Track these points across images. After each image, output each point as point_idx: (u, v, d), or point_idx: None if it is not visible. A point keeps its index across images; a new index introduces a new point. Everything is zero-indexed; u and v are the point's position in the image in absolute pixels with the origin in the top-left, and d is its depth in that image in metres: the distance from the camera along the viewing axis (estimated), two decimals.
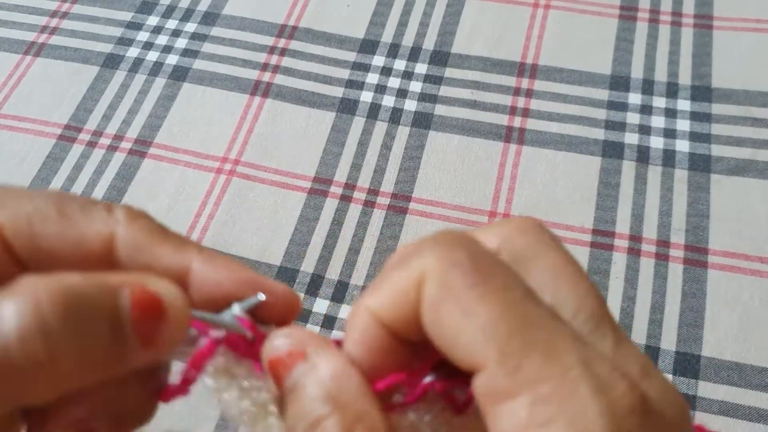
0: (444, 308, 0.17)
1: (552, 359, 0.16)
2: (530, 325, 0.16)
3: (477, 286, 0.17)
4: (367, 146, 0.52)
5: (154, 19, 0.61)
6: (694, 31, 0.56)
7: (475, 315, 0.16)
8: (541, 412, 0.16)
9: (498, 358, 0.16)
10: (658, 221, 0.48)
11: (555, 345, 0.16)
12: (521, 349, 0.16)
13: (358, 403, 0.18)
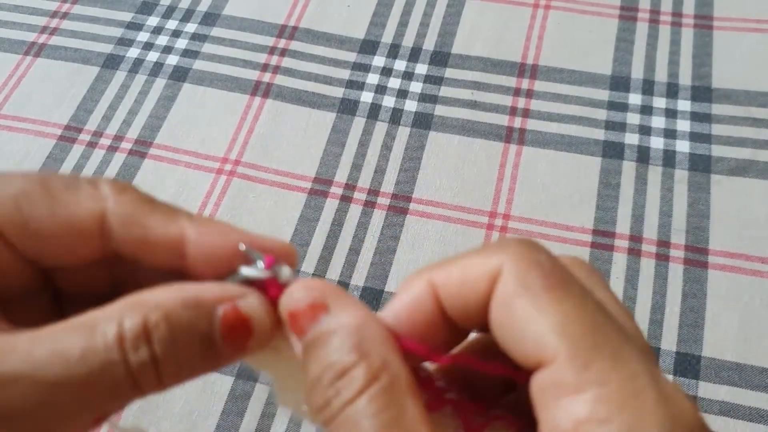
0: (519, 303, 0.17)
1: (620, 364, 0.16)
2: (601, 332, 0.17)
3: (555, 288, 0.17)
4: (367, 147, 0.52)
5: (155, 19, 0.61)
6: (694, 31, 0.56)
7: (550, 313, 0.17)
8: (603, 410, 0.16)
9: (568, 355, 0.16)
10: (658, 222, 0.48)
11: (624, 353, 0.17)
12: (592, 349, 0.17)
13: (382, 352, 0.18)
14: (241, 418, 0.43)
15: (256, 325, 0.19)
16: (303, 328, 0.19)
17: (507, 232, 0.48)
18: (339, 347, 0.18)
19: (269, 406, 0.43)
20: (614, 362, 0.16)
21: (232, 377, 0.44)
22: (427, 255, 0.48)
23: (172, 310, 0.18)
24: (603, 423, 0.16)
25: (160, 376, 0.19)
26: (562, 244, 0.47)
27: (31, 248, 0.20)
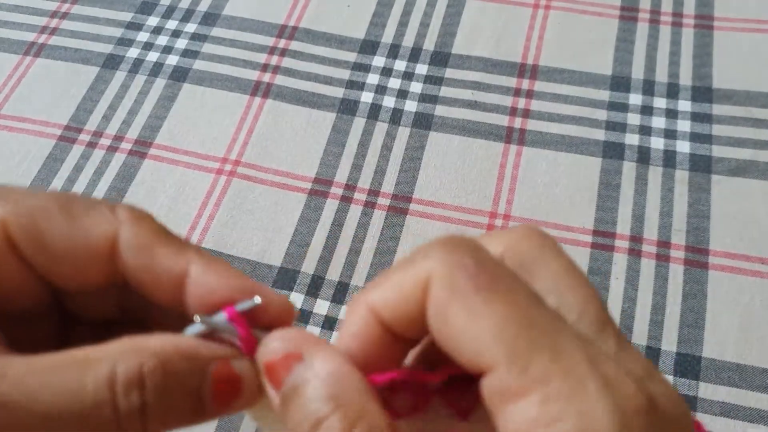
0: (451, 310, 0.17)
1: (559, 358, 0.16)
2: (536, 326, 0.17)
3: (482, 289, 0.17)
4: (367, 147, 0.52)
5: (154, 19, 0.61)
6: (694, 31, 0.56)
7: (482, 317, 0.17)
8: (551, 409, 0.16)
9: (506, 359, 0.16)
10: (658, 222, 0.48)
11: (561, 345, 0.16)
12: (528, 349, 0.16)
13: (358, 400, 0.18)
14: (241, 418, 0.43)
15: (246, 386, 0.20)
16: (279, 379, 0.19)
17: None
18: (314, 397, 0.18)
19: None
20: (553, 357, 0.16)
21: None
22: None
23: (168, 360, 0.19)
24: (552, 423, 0.16)
25: (145, 424, 0.18)
26: (563, 244, 0.47)
27: (43, 264, 0.20)
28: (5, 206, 0.20)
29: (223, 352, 0.20)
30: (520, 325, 0.16)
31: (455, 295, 0.17)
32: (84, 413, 0.17)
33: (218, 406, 0.20)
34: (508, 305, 0.17)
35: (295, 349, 0.19)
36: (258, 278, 0.47)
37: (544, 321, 0.17)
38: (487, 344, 0.16)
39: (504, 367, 0.16)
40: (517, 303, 0.17)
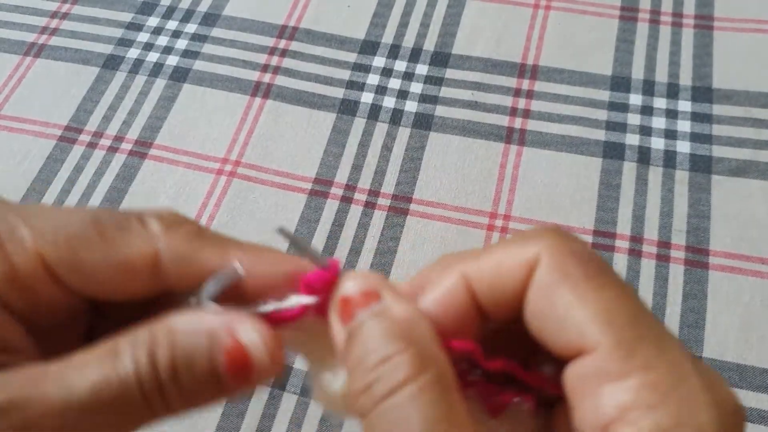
0: (558, 292, 0.17)
1: (663, 352, 0.17)
2: (642, 318, 0.17)
3: (594, 277, 0.17)
4: (367, 147, 0.52)
5: (155, 20, 0.61)
6: (694, 31, 0.56)
7: (591, 302, 0.17)
8: (650, 396, 0.16)
9: (613, 342, 0.17)
10: (659, 222, 0.48)
11: (665, 341, 0.17)
12: (635, 337, 0.17)
13: (430, 347, 0.17)
14: (241, 418, 0.43)
15: (256, 360, 0.19)
16: (351, 314, 0.19)
17: (507, 233, 0.48)
18: (386, 333, 0.18)
19: (269, 407, 0.43)
20: (658, 350, 0.17)
21: None
22: (428, 256, 0.47)
23: (176, 339, 0.19)
24: (650, 409, 0.16)
25: (168, 403, 0.19)
26: None
27: (84, 288, 0.21)
28: (42, 235, 0.20)
29: (230, 321, 0.19)
30: (628, 314, 0.17)
31: (565, 279, 0.17)
32: (117, 399, 0.18)
33: (235, 381, 0.19)
34: (616, 295, 0.17)
35: (374, 289, 0.19)
36: None
37: (651, 318, 0.17)
38: (593, 326, 0.17)
39: (608, 349, 0.17)
40: (625, 294, 0.17)
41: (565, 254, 0.18)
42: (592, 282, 0.17)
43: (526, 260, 0.18)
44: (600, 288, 0.17)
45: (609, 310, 0.17)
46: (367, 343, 0.18)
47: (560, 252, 0.18)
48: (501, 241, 0.19)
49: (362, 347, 0.18)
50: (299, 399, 0.43)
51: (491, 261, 0.19)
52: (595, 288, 0.17)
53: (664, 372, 0.16)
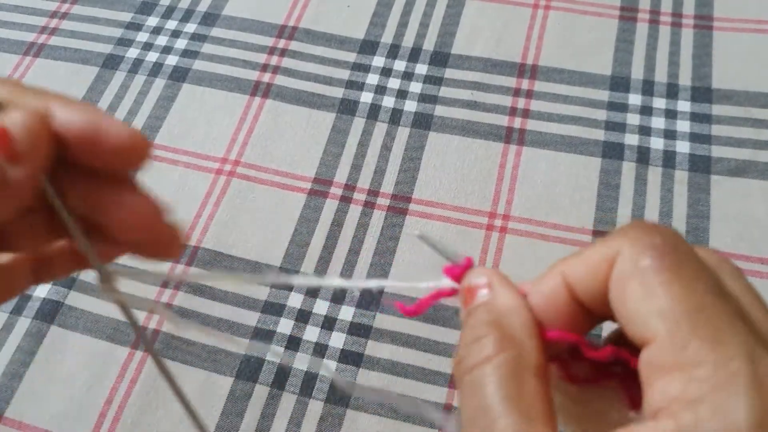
0: (630, 284, 0.18)
1: (717, 347, 0.17)
2: (705, 313, 0.17)
3: (665, 270, 0.18)
4: (367, 147, 0.52)
5: (154, 19, 0.61)
6: (694, 32, 0.56)
7: (656, 295, 0.18)
8: (693, 390, 0.17)
9: (667, 335, 0.17)
10: (658, 222, 0.48)
11: (724, 336, 0.17)
12: (690, 331, 0.17)
13: (517, 333, 0.20)
14: (241, 418, 0.43)
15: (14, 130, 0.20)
16: (470, 300, 0.21)
17: (507, 233, 0.48)
18: (482, 318, 0.20)
19: (269, 407, 0.43)
20: (712, 344, 0.17)
21: (232, 378, 0.44)
22: (427, 256, 0.47)
23: None
24: (692, 403, 0.16)
25: None
26: (562, 244, 0.47)
27: None
28: None
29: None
30: (689, 308, 0.17)
31: (637, 272, 0.18)
32: None
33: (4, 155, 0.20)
34: (684, 288, 0.18)
35: (490, 281, 0.21)
36: None
37: (716, 311, 0.17)
38: (654, 318, 0.18)
39: (663, 341, 0.17)
40: (693, 288, 0.18)
41: (642, 247, 0.19)
42: (662, 275, 0.18)
43: (608, 255, 0.19)
44: (669, 281, 0.18)
45: (671, 302, 0.18)
46: (469, 324, 0.21)
47: (638, 245, 0.19)
48: (599, 239, 0.20)
49: (467, 327, 0.21)
50: (298, 398, 0.43)
51: (582, 258, 0.20)
52: (664, 282, 0.18)
53: (713, 367, 0.17)
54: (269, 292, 0.47)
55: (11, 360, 0.45)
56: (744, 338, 0.17)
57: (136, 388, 0.44)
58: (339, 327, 0.45)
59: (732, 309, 0.18)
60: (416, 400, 0.22)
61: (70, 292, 0.47)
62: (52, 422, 0.43)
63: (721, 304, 0.18)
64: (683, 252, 0.18)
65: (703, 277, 0.18)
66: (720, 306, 0.18)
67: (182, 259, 0.48)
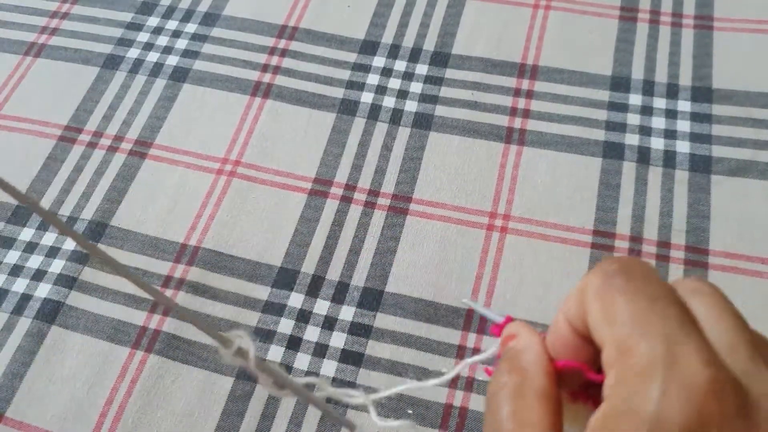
0: (591, 306, 0.21)
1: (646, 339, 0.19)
2: (644, 316, 0.20)
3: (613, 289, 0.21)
4: (367, 147, 0.52)
5: (155, 20, 0.61)
6: (694, 32, 0.56)
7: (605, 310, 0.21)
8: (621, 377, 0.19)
9: (610, 337, 0.20)
10: (658, 222, 0.48)
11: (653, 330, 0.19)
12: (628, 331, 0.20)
13: (522, 365, 0.23)
14: (241, 418, 0.43)
15: None
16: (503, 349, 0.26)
17: (507, 233, 0.48)
18: (505, 357, 0.25)
19: (269, 407, 0.43)
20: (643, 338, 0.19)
21: (233, 378, 0.44)
22: (427, 256, 0.48)
23: None
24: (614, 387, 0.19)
25: None
26: (563, 245, 0.47)
27: None
28: None
29: None
30: (630, 313, 0.20)
31: (595, 294, 0.21)
32: None
33: None
34: (628, 301, 0.20)
35: (514, 332, 0.25)
36: (258, 278, 0.47)
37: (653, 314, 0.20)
38: (603, 327, 0.20)
39: (608, 343, 0.20)
40: (636, 299, 0.20)
41: (600, 273, 0.21)
42: (611, 292, 0.21)
43: (583, 287, 0.22)
44: (615, 297, 0.20)
45: (616, 312, 0.20)
46: (497, 370, 0.24)
47: (598, 272, 0.22)
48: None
49: (495, 373, 0.24)
50: (298, 399, 0.43)
51: (573, 294, 0.23)
52: (612, 297, 0.21)
53: (639, 357, 0.19)
54: (270, 292, 0.47)
55: (12, 360, 0.45)
56: (669, 330, 0.19)
57: (136, 388, 0.44)
58: (339, 327, 0.45)
59: (674, 313, 0.19)
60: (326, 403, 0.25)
61: (70, 293, 0.47)
62: (53, 422, 0.43)
63: (660, 310, 0.19)
64: (635, 274, 0.21)
65: (648, 291, 0.20)
66: (658, 311, 0.19)
67: (183, 259, 0.48)
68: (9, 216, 0.51)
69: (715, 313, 0.20)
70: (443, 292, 0.46)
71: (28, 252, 0.49)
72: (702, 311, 0.20)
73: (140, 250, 0.49)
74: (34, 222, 0.51)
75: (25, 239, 0.50)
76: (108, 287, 0.47)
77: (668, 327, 0.19)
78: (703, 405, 0.17)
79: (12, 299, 0.47)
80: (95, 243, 0.49)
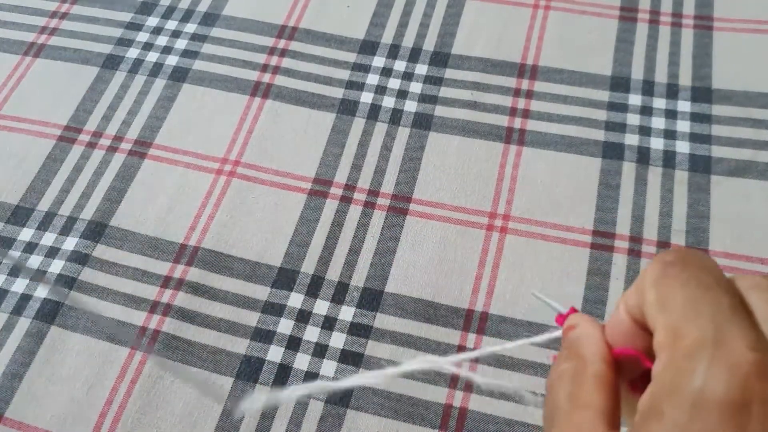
0: (647, 294, 0.22)
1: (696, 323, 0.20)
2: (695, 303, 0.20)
3: (669, 276, 0.21)
4: (367, 147, 0.52)
5: (154, 19, 0.61)
6: (694, 32, 0.56)
7: (660, 296, 0.21)
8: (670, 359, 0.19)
9: (663, 321, 0.21)
10: (658, 222, 0.48)
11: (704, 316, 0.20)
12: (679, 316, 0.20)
13: (583, 350, 0.24)
14: (241, 418, 0.43)
15: None
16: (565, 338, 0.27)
17: (507, 233, 0.48)
18: (565, 347, 0.25)
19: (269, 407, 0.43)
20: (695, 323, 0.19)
21: (232, 378, 0.44)
22: (427, 255, 0.48)
23: None
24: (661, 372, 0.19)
25: None
26: (562, 245, 0.47)
27: None
28: None
29: None
30: (682, 300, 0.20)
31: (653, 282, 0.22)
32: None
33: None
34: (681, 287, 0.21)
35: (577, 322, 0.26)
36: (258, 278, 0.47)
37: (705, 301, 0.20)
38: (657, 312, 0.21)
39: (661, 328, 0.21)
40: (689, 286, 0.21)
41: (657, 263, 0.22)
42: (666, 280, 0.21)
43: (642, 276, 0.23)
44: (670, 284, 0.21)
45: (669, 298, 0.21)
46: (559, 356, 0.25)
47: (655, 262, 0.22)
48: None
49: (558, 359, 0.25)
50: (298, 399, 0.43)
51: (633, 284, 0.23)
52: (667, 284, 0.21)
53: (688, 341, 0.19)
54: (269, 292, 0.47)
55: (11, 360, 0.45)
56: (719, 316, 0.19)
57: (136, 388, 0.44)
58: (339, 327, 0.45)
59: (727, 301, 0.20)
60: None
61: (70, 293, 0.47)
62: (52, 422, 0.43)
63: (713, 297, 0.20)
64: (692, 263, 0.22)
65: (703, 280, 0.21)
66: (711, 298, 0.20)
67: (183, 260, 0.48)
68: (9, 216, 0.51)
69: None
70: (443, 292, 0.46)
71: (28, 252, 0.49)
72: (759, 305, 0.21)
73: (140, 251, 0.49)
74: (34, 222, 0.51)
75: (24, 239, 0.50)
76: (107, 287, 0.47)
77: (719, 313, 0.19)
78: (746, 384, 0.18)
79: (11, 299, 0.47)
80: (95, 243, 0.49)
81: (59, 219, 0.51)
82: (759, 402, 0.17)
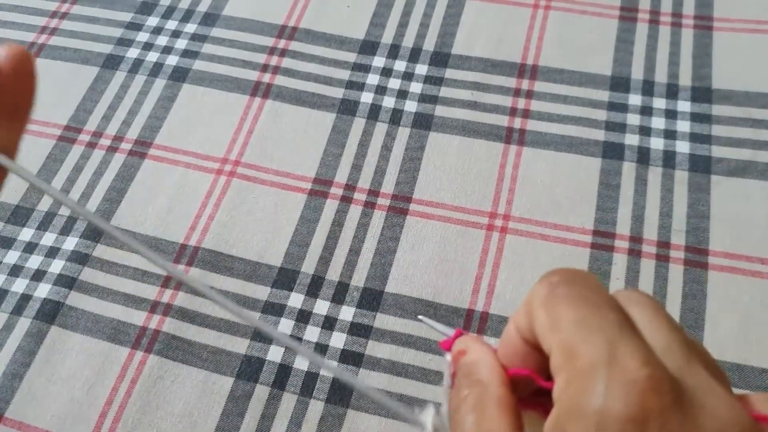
0: (537, 314, 0.22)
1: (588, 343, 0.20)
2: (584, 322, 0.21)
3: (557, 296, 0.22)
4: (367, 147, 0.52)
5: (154, 19, 0.61)
6: (694, 32, 0.56)
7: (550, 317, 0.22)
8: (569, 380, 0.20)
9: (556, 343, 0.21)
10: (658, 222, 0.48)
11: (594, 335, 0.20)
12: (571, 336, 0.21)
13: (482, 376, 0.24)
14: (241, 418, 0.43)
15: None
16: (456, 363, 0.27)
17: (507, 233, 0.48)
18: (462, 374, 0.25)
19: (269, 407, 0.43)
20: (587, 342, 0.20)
21: (233, 378, 0.44)
22: (427, 256, 0.48)
23: None
24: (564, 390, 0.20)
25: None
26: (562, 245, 0.47)
27: None
28: None
29: None
30: (573, 320, 0.21)
31: (541, 303, 0.22)
32: None
33: None
34: (569, 308, 0.21)
35: (464, 347, 0.26)
36: (258, 278, 0.47)
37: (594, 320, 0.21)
38: (549, 334, 0.21)
39: (555, 349, 0.21)
40: (577, 307, 0.21)
41: (544, 284, 0.23)
42: (554, 301, 0.22)
43: (529, 297, 0.23)
44: (558, 305, 0.22)
45: (560, 319, 0.21)
46: (456, 384, 0.25)
47: (543, 284, 0.23)
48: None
49: (455, 388, 0.25)
50: (299, 399, 0.43)
51: (522, 305, 0.24)
52: (555, 305, 0.22)
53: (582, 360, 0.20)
54: (269, 292, 0.47)
55: (11, 360, 0.45)
56: (610, 333, 0.20)
57: (136, 388, 0.44)
58: (339, 327, 0.45)
59: (614, 318, 0.21)
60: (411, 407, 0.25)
61: (70, 293, 0.47)
62: (53, 422, 0.43)
63: (602, 315, 0.21)
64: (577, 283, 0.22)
65: (590, 299, 0.22)
66: (600, 316, 0.21)
67: (183, 260, 0.48)
68: (9, 216, 0.51)
69: (651, 319, 0.22)
70: (443, 292, 0.46)
71: (28, 252, 0.49)
72: (640, 317, 0.21)
73: None
74: (34, 222, 0.51)
75: (24, 239, 0.50)
76: (108, 287, 0.47)
77: (609, 331, 0.20)
78: (644, 399, 0.18)
79: (12, 299, 0.47)
80: (95, 243, 0.49)
81: (59, 219, 0.51)
82: (656, 415, 0.18)
